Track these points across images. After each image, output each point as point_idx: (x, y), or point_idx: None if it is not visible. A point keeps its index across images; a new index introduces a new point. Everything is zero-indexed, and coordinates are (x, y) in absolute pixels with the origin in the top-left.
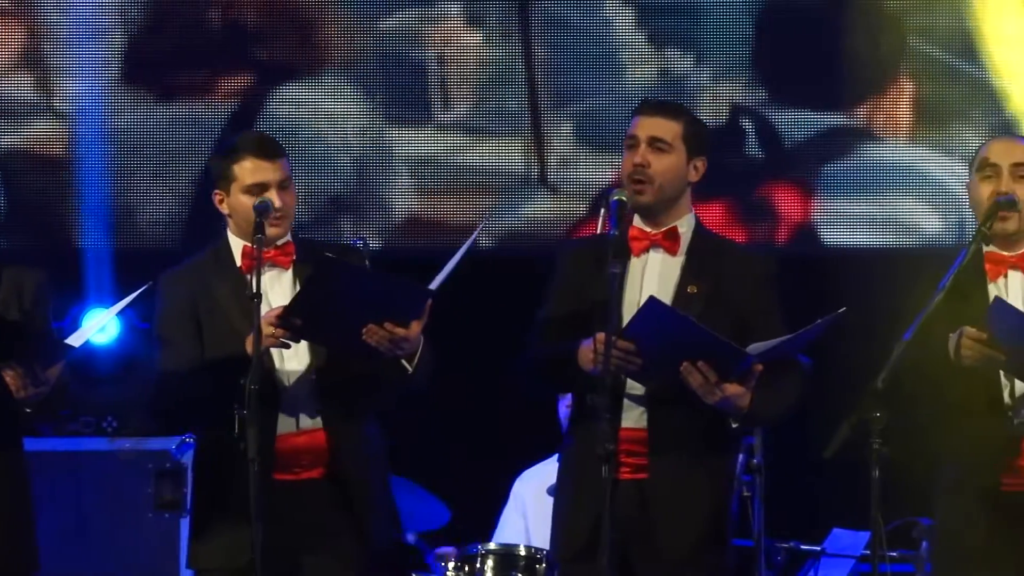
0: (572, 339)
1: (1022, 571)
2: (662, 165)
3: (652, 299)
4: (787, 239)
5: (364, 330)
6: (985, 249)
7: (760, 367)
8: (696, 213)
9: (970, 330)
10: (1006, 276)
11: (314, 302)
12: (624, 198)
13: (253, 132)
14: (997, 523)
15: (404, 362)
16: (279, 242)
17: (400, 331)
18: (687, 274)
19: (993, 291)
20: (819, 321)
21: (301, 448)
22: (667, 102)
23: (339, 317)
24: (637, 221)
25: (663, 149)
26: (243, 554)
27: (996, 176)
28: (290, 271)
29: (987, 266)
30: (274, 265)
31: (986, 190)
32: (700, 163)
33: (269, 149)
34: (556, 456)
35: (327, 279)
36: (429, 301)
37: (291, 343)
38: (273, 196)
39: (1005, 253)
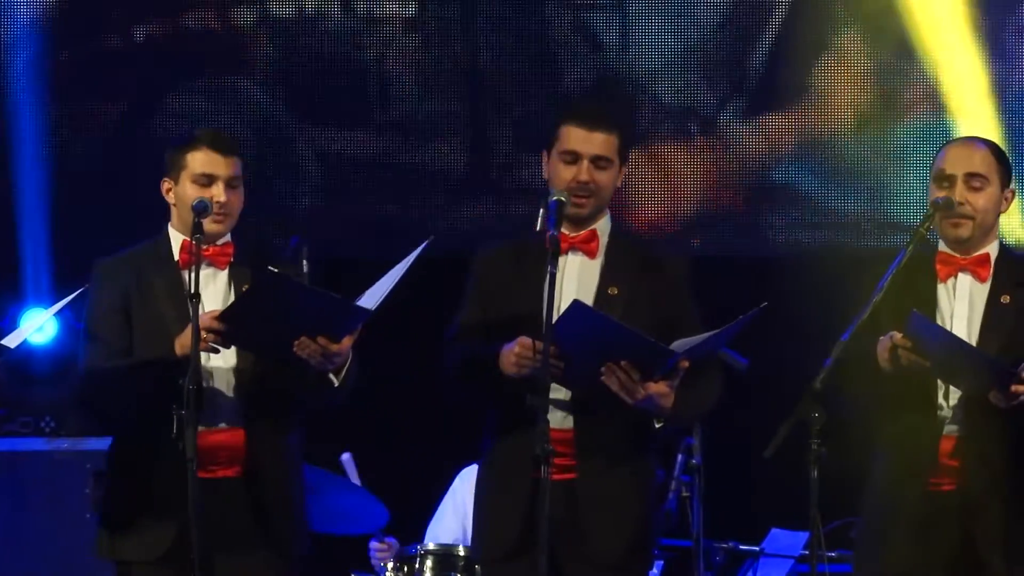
0: (493, 342)
1: (948, 570)
2: (603, 180)
3: (576, 302)
4: (726, 240)
5: (296, 343)
6: (939, 250)
7: (685, 364)
8: (627, 214)
9: (898, 335)
10: (956, 277)
11: (251, 312)
12: (563, 199)
13: (212, 128)
14: (923, 522)
15: (331, 375)
16: (219, 241)
17: (333, 346)
18: (606, 276)
19: (942, 292)
20: (741, 317)
21: (219, 445)
22: (604, 112)
23: (273, 328)
24: None
25: (604, 167)
26: (160, 546)
27: (951, 186)
28: (226, 272)
29: (938, 267)
30: (210, 264)
31: (939, 196)
32: (625, 168)
33: (224, 144)
34: None
35: (268, 292)
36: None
37: (220, 348)
38: (219, 191)
39: (957, 255)
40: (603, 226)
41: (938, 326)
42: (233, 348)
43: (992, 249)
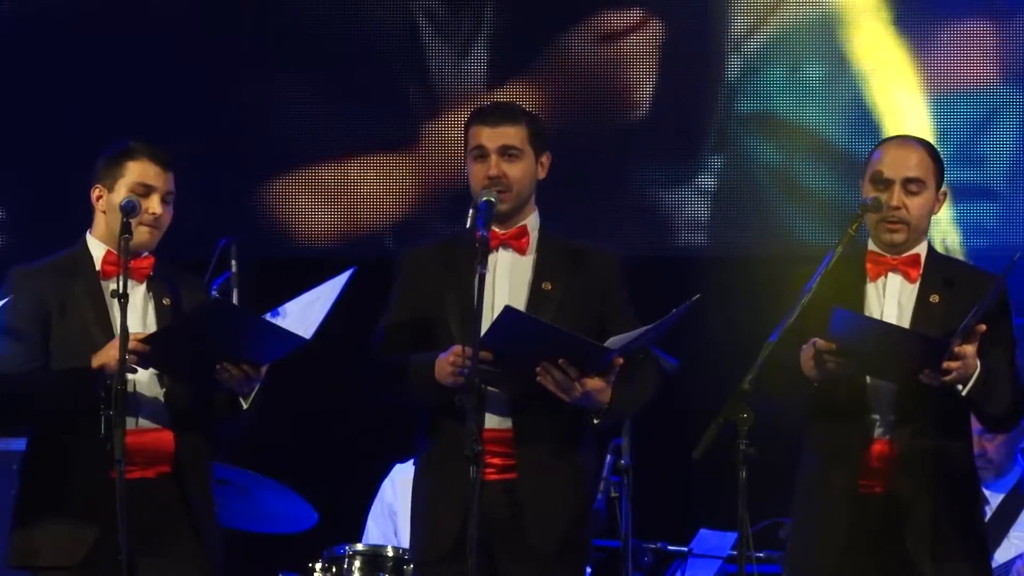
0: (421, 344)
1: (877, 571)
2: (516, 172)
3: (508, 308)
4: (661, 242)
5: (219, 367)
6: (869, 249)
7: (620, 360)
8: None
9: (820, 341)
10: (886, 277)
11: (180, 336)
12: (493, 199)
13: (147, 143)
14: (854, 524)
15: (241, 398)
16: (143, 253)
17: (254, 372)
18: (539, 272)
19: (872, 291)
20: (674, 310)
21: (146, 446)
22: (504, 106)
23: (198, 352)
24: None
25: (515, 156)
26: (79, 550)
27: (887, 189)
28: (143, 286)
29: (868, 266)
30: (128, 277)
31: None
32: (545, 159)
33: (164, 157)
34: None
35: (212, 318)
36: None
37: (137, 368)
38: (155, 203)
39: (887, 255)
40: (532, 222)
41: (862, 316)
42: None
43: (922, 249)
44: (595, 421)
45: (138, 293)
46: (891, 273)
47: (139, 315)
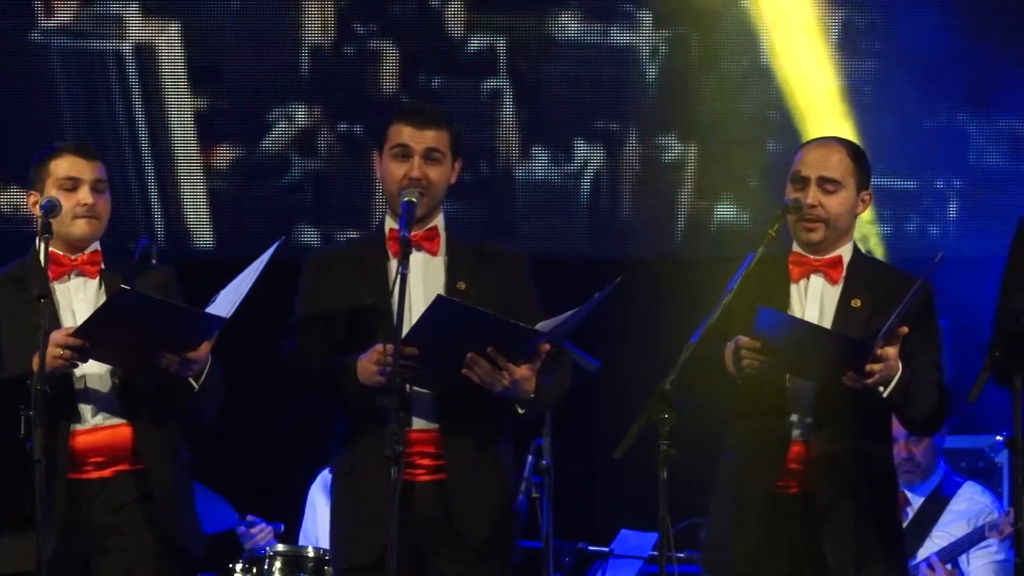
0: (336, 348)
1: (794, 571)
2: (437, 175)
3: (440, 297)
4: (584, 243)
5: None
6: (793, 250)
7: (547, 347)
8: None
9: (744, 339)
10: (808, 279)
11: (105, 327)
12: (415, 199)
13: (70, 140)
14: (770, 524)
15: (191, 380)
16: (88, 249)
17: (190, 355)
18: (452, 272)
19: (795, 292)
20: (597, 294)
21: (103, 444)
22: (429, 108)
23: (129, 340)
24: (391, 223)
25: (438, 160)
26: (34, 556)
27: (804, 188)
28: (96, 280)
29: (790, 268)
30: (80, 274)
31: (794, 198)
32: (458, 164)
33: (86, 149)
34: None
35: (120, 307)
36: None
37: (79, 363)
38: (85, 193)
39: (810, 256)
40: (442, 223)
41: (787, 315)
42: None
43: (845, 252)
44: (520, 411)
45: (90, 288)
46: (813, 275)
47: (92, 310)
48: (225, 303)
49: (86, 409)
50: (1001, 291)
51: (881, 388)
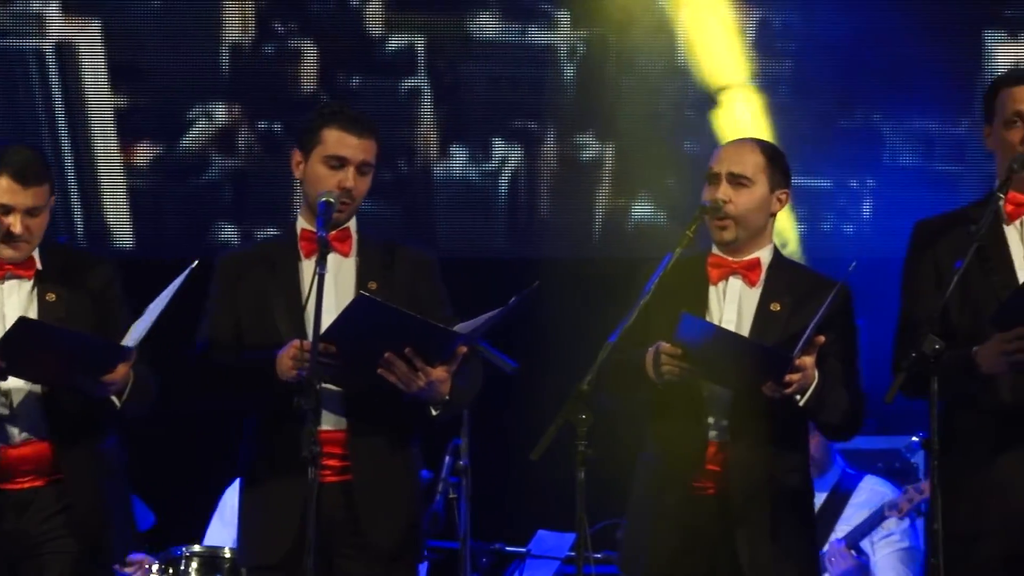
0: (250, 348)
1: (711, 571)
2: (364, 187)
3: (361, 295)
4: (501, 244)
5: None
6: (711, 252)
7: (464, 349)
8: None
9: (665, 345)
10: (727, 281)
11: (20, 350)
12: (332, 200)
13: (20, 153)
14: (686, 525)
15: (113, 399)
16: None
17: (106, 377)
18: (363, 273)
19: (713, 295)
20: (515, 298)
21: (24, 459)
22: (363, 116)
23: (47, 360)
24: (304, 223)
25: (367, 172)
26: None
27: (717, 185)
28: (31, 282)
29: (709, 269)
30: (14, 276)
31: (707, 196)
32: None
33: (28, 175)
34: None
35: (24, 336)
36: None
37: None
38: (15, 221)
39: (729, 258)
40: (354, 224)
41: (709, 323)
42: None
43: (764, 254)
44: (434, 412)
45: (23, 290)
46: (732, 277)
47: (21, 312)
48: (136, 331)
49: (10, 425)
50: (902, 297)
51: (798, 396)
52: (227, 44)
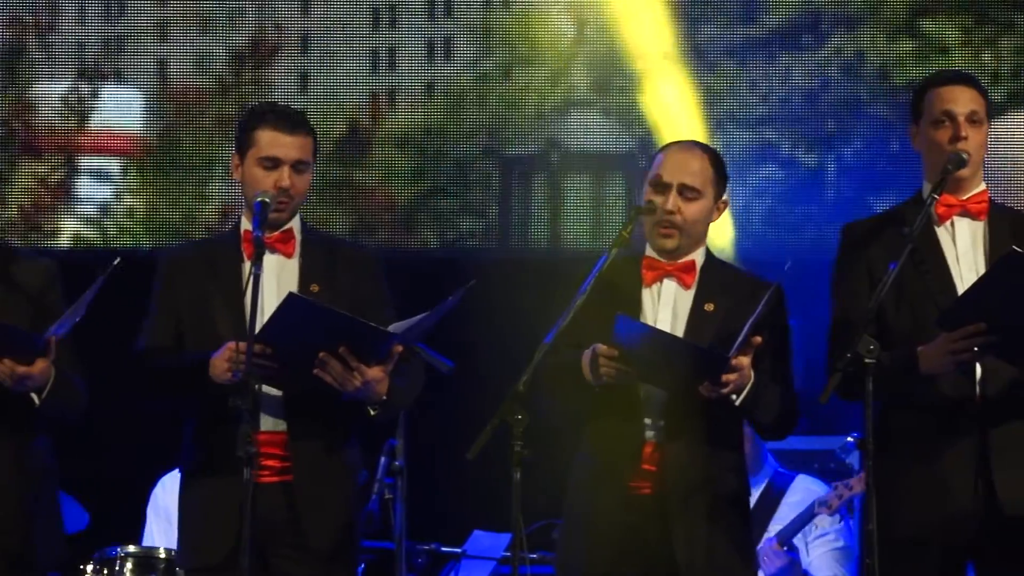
0: (190, 347)
1: (648, 571)
2: (303, 185)
3: (291, 295)
4: (436, 242)
5: None
6: (646, 254)
7: (400, 349)
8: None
9: (602, 347)
10: (661, 283)
11: None
12: (268, 200)
13: None
14: (623, 525)
15: (33, 395)
16: None
17: (21, 369)
18: (306, 274)
19: (647, 297)
20: (450, 297)
21: None
22: (296, 113)
23: None
24: (247, 224)
25: (303, 170)
26: None
27: (664, 193)
28: None
29: (644, 271)
30: None
31: (655, 201)
32: (311, 171)
33: None
34: None
35: None
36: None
37: None
38: None
39: (663, 261)
40: (296, 224)
41: (646, 325)
42: None
43: (698, 256)
44: (372, 413)
45: None
46: (666, 279)
47: None
48: (55, 329)
49: None
50: (833, 299)
51: (734, 396)
52: None
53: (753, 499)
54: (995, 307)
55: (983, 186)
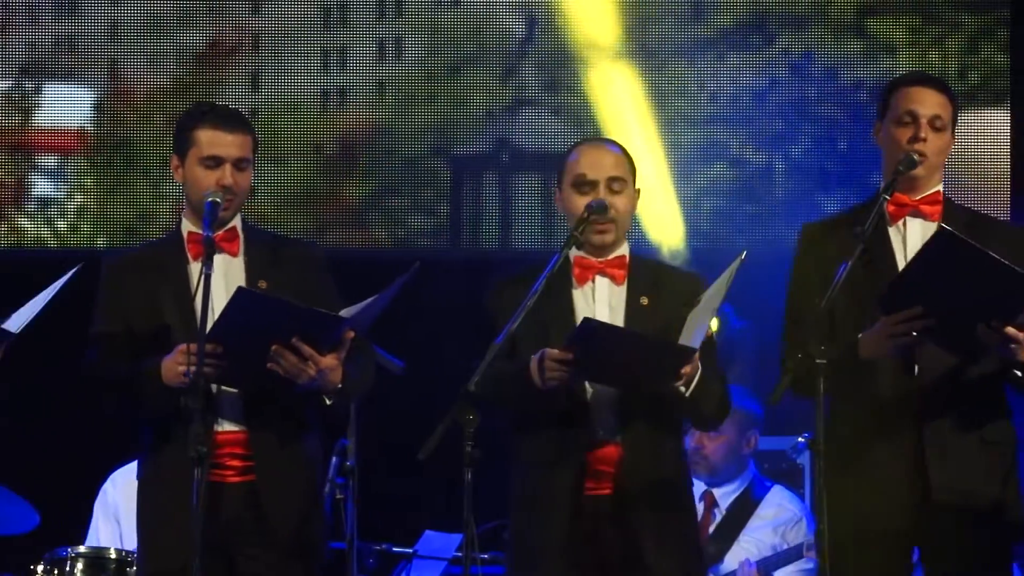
0: (140, 350)
1: (600, 568)
2: (244, 182)
3: (240, 289)
4: (392, 242)
5: None
6: (574, 254)
7: (351, 334)
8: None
9: (554, 352)
10: (593, 281)
11: None
12: (218, 199)
13: None
14: (577, 525)
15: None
16: None
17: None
18: (252, 271)
19: (578, 296)
20: (398, 279)
21: None
22: (235, 111)
23: None
24: (190, 226)
25: (245, 167)
26: None
27: (593, 191)
28: None
29: (575, 271)
30: None
31: (582, 202)
32: (252, 168)
33: None
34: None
35: None
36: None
37: None
38: None
39: (594, 259)
40: (239, 223)
41: (615, 326)
42: None
43: (625, 251)
44: (328, 402)
45: None
46: (598, 276)
47: None
48: (17, 320)
49: None
50: (788, 298)
51: (683, 388)
52: None
53: (729, 500)
54: (933, 291)
55: (939, 187)
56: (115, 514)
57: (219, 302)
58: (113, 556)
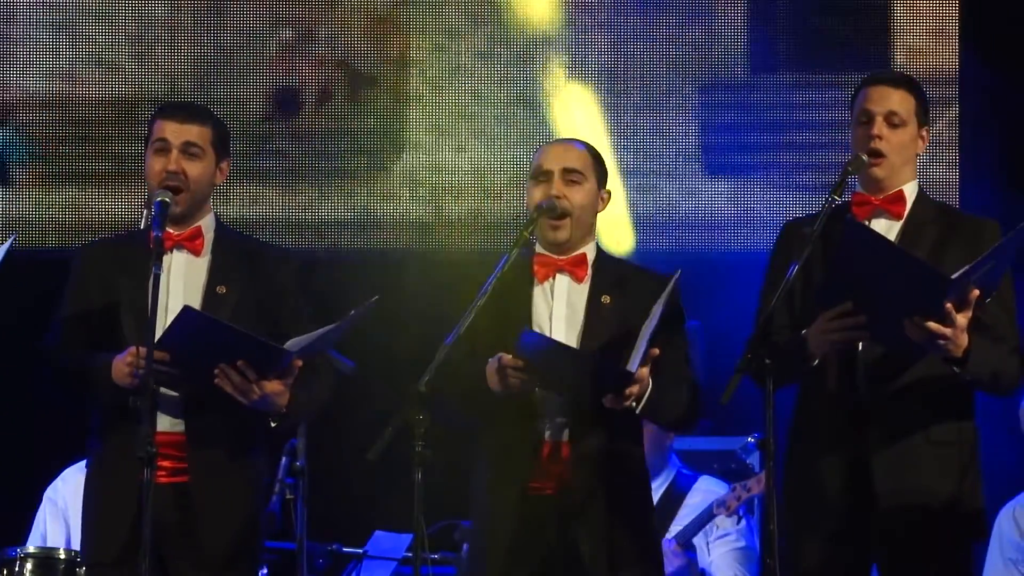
0: (96, 343)
1: (548, 568)
2: (196, 171)
3: (186, 308)
4: (345, 240)
5: None
6: (536, 252)
7: (299, 363)
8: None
9: (507, 358)
10: (554, 279)
11: None
12: (168, 200)
13: None
14: (525, 523)
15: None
16: None
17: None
18: (214, 274)
19: (539, 294)
20: (352, 312)
21: None
22: (193, 105)
23: None
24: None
25: (196, 155)
26: None
27: (548, 182)
28: None
29: (536, 268)
30: None
31: (539, 195)
32: (225, 165)
33: None
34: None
35: None
36: None
37: None
38: None
39: (555, 256)
40: (208, 223)
41: (551, 339)
42: None
43: (590, 250)
44: (272, 424)
45: None
46: (559, 274)
47: None
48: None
49: None
50: (761, 292)
51: (634, 404)
52: None
53: (656, 497)
54: (861, 286)
55: (910, 186)
56: (64, 513)
57: (175, 302)
58: (62, 556)
